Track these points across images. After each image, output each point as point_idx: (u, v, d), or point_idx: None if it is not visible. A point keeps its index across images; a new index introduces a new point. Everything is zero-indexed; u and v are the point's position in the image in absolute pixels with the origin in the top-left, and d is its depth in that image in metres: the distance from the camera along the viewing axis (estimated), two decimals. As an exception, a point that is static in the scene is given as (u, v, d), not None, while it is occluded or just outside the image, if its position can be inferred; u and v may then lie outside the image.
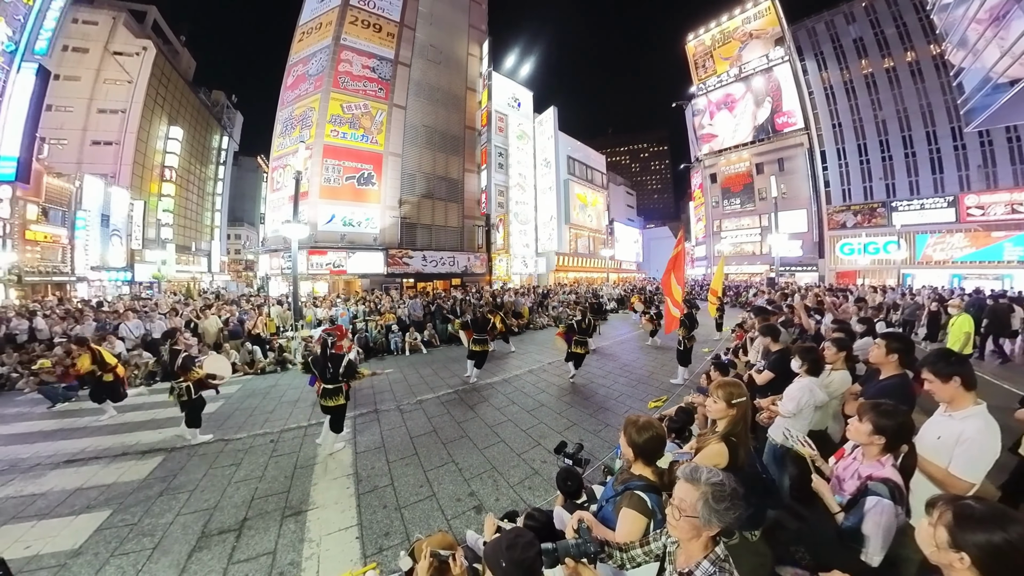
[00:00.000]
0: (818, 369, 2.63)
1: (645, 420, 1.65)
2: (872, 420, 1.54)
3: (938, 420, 1.79)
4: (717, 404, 1.85)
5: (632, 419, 1.70)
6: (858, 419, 1.60)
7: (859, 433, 1.58)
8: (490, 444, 4.32)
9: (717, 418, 1.88)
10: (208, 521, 3.18)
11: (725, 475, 1.13)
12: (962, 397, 1.71)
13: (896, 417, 1.52)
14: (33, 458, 4.43)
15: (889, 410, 1.54)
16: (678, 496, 1.14)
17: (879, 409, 1.55)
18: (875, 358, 2.37)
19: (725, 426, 1.82)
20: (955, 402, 1.74)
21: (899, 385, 2.23)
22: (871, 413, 1.55)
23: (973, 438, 1.60)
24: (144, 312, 9.57)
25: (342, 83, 18.97)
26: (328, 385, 4.22)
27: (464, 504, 3.26)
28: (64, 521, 3.22)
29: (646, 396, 5.73)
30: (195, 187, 38.68)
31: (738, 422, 1.79)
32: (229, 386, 7.41)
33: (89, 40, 26.86)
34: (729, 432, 1.77)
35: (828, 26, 29.30)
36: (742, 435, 1.77)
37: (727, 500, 1.08)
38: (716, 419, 1.90)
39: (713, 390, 1.89)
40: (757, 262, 32.19)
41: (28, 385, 7.22)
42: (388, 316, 10.37)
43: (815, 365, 2.61)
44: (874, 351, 2.38)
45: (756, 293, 16.97)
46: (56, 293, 20.37)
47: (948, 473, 1.59)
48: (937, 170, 25.08)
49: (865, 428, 1.55)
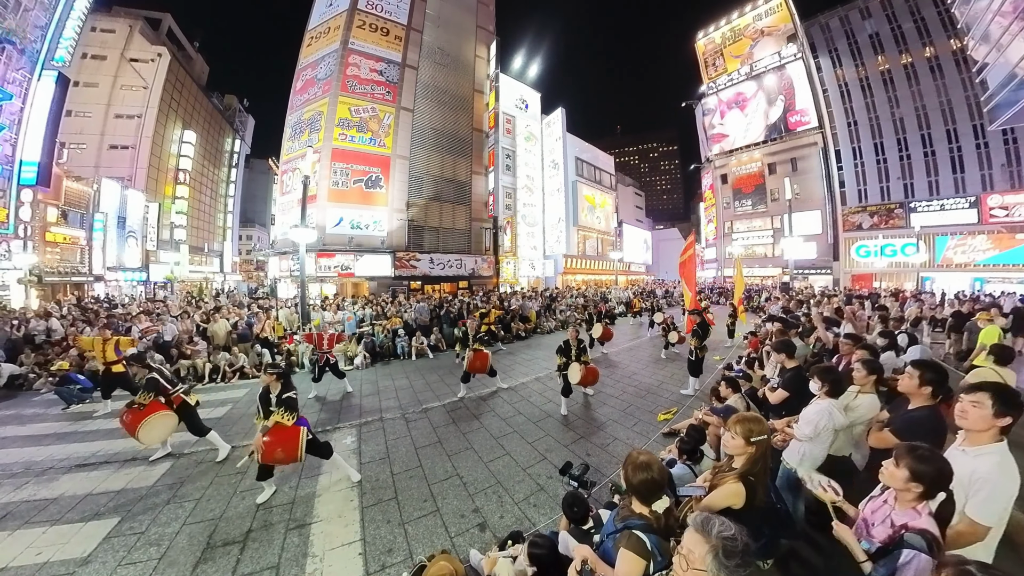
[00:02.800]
0: (838, 391, 2.48)
1: (644, 459, 1.55)
2: (909, 466, 1.41)
3: (951, 454, 1.67)
4: (735, 440, 1.73)
5: (632, 456, 1.61)
6: (894, 463, 1.48)
7: (894, 479, 1.46)
8: (495, 457, 4.25)
9: (735, 455, 1.77)
10: (213, 532, 3.18)
11: (737, 528, 1.07)
12: (991, 434, 1.60)
13: (935, 463, 1.41)
14: (47, 461, 4.52)
15: (927, 455, 1.42)
16: (687, 546, 1.08)
17: (917, 454, 1.43)
18: (906, 388, 2.20)
19: (743, 464, 1.71)
20: (979, 438, 1.62)
21: (929, 418, 2.08)
22: (908, 458, 1.43)
23: (986, 477, 1.50)
24: (156, 315, 9.74)
25: (350, 87, 19.13)
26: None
27: (468, 521, 3.20)
28: (74, 528, 3.27)
29: (655, 408, 5.59)
30: (208, 189, 39.45)
31: (757, 461, 1.69)
32: (237, 390, 7.50)
33: (107, 47, 27.60)
34: (747, 471, 1.67)
35: (843, 22, 28.63)
36: (761, 474, 1.67)
37: (738, 556, 1.03)
38: (733, 455, 1.78)
39: (731, 425, 1.78)
40: (769, 264, 31.58)
41: (45, 386, 7.40)
42: (394, 320, 10.38)
43: (835, 386, 2.46)
44: (905, 380, 2.20)
45: (769, 298, 16.60)
46: (75, 292, 20.94)
47: (963, 515, 1.50)
48: (958, 169, 24.28)
49: (901, 474, 1.43)
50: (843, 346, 3.70)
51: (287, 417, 3.55)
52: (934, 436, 1.88)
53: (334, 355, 6.94)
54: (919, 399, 2.17)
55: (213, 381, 7.96)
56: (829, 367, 2.63)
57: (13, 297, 16.58)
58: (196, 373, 8.08)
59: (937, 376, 2.15)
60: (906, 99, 25.96)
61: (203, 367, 8.08)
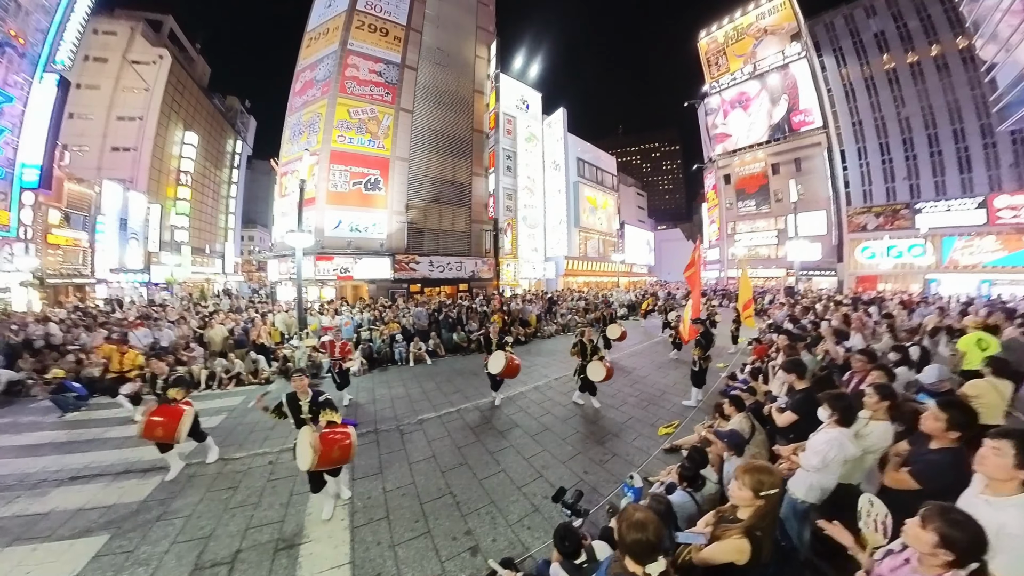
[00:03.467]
0: (850, 420, 2.32)
1: (640, 518, 1.39)
2: (940, 531, 1.26)
3: (972, 503, 1.52)
4: (742, 492, 1.57)
5: (628, 512, 1.45)
6: (920, 524, 1.32)
7: (920, 542, 1.31)
8: (490, 474, 4.13)
9: (741, 506, 1.61)
10: (202, 551, 3.12)
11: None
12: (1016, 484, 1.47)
13: (970, 531, 1.24)
14: (40, 473, 4.47)
15: (961, 521, 1.26)
16: None
17: (949, 518, 1.27)
18: (931, 430, 2.01)
19: (750, 519, 1.55)
20: (1003, 486, 1.48)
21: (954, 464, 1.88)
22: (939, 522, 1.27)
23: (1018, 534, 1.35)
24: (153, 320, 9.68)
25: (349, 88, 19.04)
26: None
27: (460, 544, 3.09)
28: (64, 545, 3.23)
29: (656, 420, 5.46)
30: (210, 191, 39.56)
31: (766, 515, 1.54)
32: (234, 397, 7.43)
33: (108, 50, 27.68)
34: (754, 526, 1.52)
35: (847, 20, 28.30)
36: (768, 528, 1.53)
37: None
38: (739, 506, 1.63)
39: (739, 474, 1.62)
40: (773, 266, 31.32)
41: (41, 392, 7.34)
42: (392, 325, 10.28)
43: (846, 415, 2.30)
44: (930, 422, 2.01)
45: (772, 300, 16.40)
46: (77, 294, 21.01)
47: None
48: (965, 169, 23.95)
49: (929, 538, 1.27)
50: (856, 363, 3.54)
51: (336, 415, 3.63)
52: (958, 483, 1.71)
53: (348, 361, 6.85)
54: (943, 440, 2.00)
55: (209, 388, 7.89)
56: (840, 394, 2.47)
57: (15, 300, 16.61)
58: (192, 380, 8.00)
59: (966, 419, 1.98)
60: (912, 98, 25.63)
61: (199, 374, 8.01)
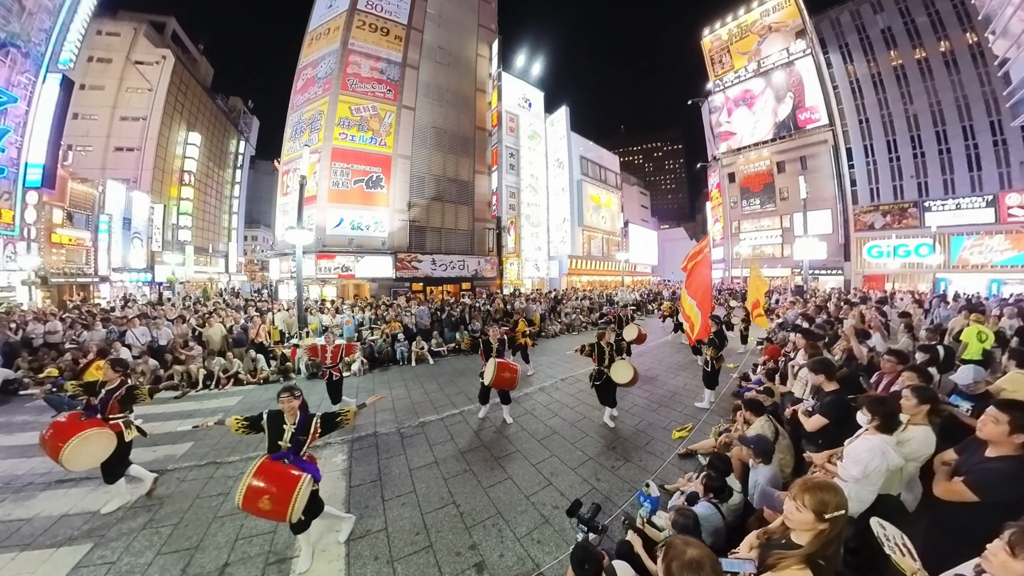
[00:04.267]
0: (892, 426, 2.10)
1: (695, 556, 1.13)
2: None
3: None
4: (802, 514, 1.35)
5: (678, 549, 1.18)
6: (1009, 551, 1.13)
7: (1010, 572, 1.12)
8: (496, 482, 3.91)
9: (800, 530, 1.38)
10: (188, 564, 2.95)
11: None
12: None
13: None
14: (27, 475, 4.33)
15: None
16: None
17: None
18: (990, 435, 1.82)
19: (812, 545, 1.32)
20: None
21: (1014, 474, 1.70)
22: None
23: None
24: (152, 319, 9.55)
25: (351, 85, 18.92)
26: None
27: (464, 560, 2.88)
28: (44, 554, 3.07)
29: (669, 423, 5.23)
30: (213, 190, 39.61)
31: (831, 542, 1.32)
32: (231, 397, 7.27)
33: (112, 51, 27.74)
34: (815, 554, 1.29)
35: (853, 16, 27.94)
36: (833, 557, 1.31)
37: None
38: (797, 530, 1.40)
39: (798, 493, 1.38)
40: (778, 265, 30.97)
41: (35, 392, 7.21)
42: (394, 324, 10.10)
43: (888, 421, 2.08)
44: (989, 426, 1.82)
45: (779, 300, 16.11)
46: (80, 293, 21.00)
47: None
48: (974, 167, 23.53)
49: (1020, 569, 1.09)
50: (886, 363, 3.31)
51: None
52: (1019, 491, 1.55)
53: (339, 371, 5.90)
54: (1005, 447, 1.79)
55: (207, 387, 7.74)
56: (881, 398, 2.25)
57: (19, 298, 16.59)
58: (190, 379, 7.86)
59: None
60: (920, 95, 25.23)
61: (197, 372, 7.86)
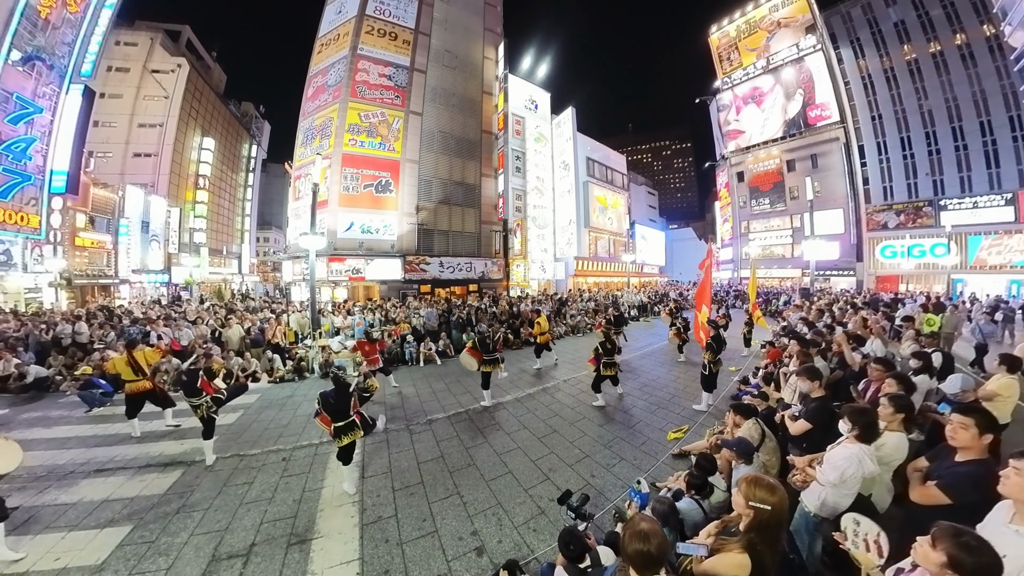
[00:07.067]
0: (871, 436, 2.22)
1: (644, 528, 1.35)
2: (949, 552, 1.21)
3: (1000, 532, 1.44)
4: (736, 498, 1.57)
5: (634, 521, 1.43)
6: (930, 543, 1.27)
7: (928, 561, 1.27)
8: (497, 475, 4.17)
9: (740, 513, 1.59)
10: (219, 544, 3.24)
11: None
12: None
13: (983, 557, 1.18)
14: (68, 464, 4.69)
15: (973, 545, 1.20)
16: None
17: (959, 540, 1.21)
18: (961, 441, 1.89)
19: (746, 530, 1.51)
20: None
21: (982, 476, 1.77)
22: (948, 542, 1.22)
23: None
24: (173, 320, 10.01)
25: (360, 92, 19.35)
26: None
27: (466, 544, 3.14)
28: (90, 534, 3.37)
29: (666, 424, 5.40)
30: (227, 194, 40.64)
31: (761, 528, 1.49)
32: (248, 396, 7.59)
33: (130, 60, 28.73)
34: (751, 540, 1.48)
35: (865, 10, 27.44)
36: (770, 543, 1.48)
37: None
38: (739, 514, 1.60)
39: (740, 481, 1.60)
40: (788, 265, 30.59)
41: (70, 388, 7.67)
42: (403, 325, 10.41)
43: (868, 431, 2.18)
44: (960, 432, 1.88)
45: (787, 302, 16.02)
46: (102, 294, 21.87)
47: None
48: (992, 164, 22.96)
49: (937, 558, 1.23)
50: (873, 371, 3.44)
51: None
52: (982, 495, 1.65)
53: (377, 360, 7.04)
54: (972, 451, 1.89)
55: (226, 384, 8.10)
56: (863, 408, 2.36)
57: (45, 299, 17.40)
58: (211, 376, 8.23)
59: (994, 424, 1.89)
60: (935, 90, 24.68)
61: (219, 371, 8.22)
